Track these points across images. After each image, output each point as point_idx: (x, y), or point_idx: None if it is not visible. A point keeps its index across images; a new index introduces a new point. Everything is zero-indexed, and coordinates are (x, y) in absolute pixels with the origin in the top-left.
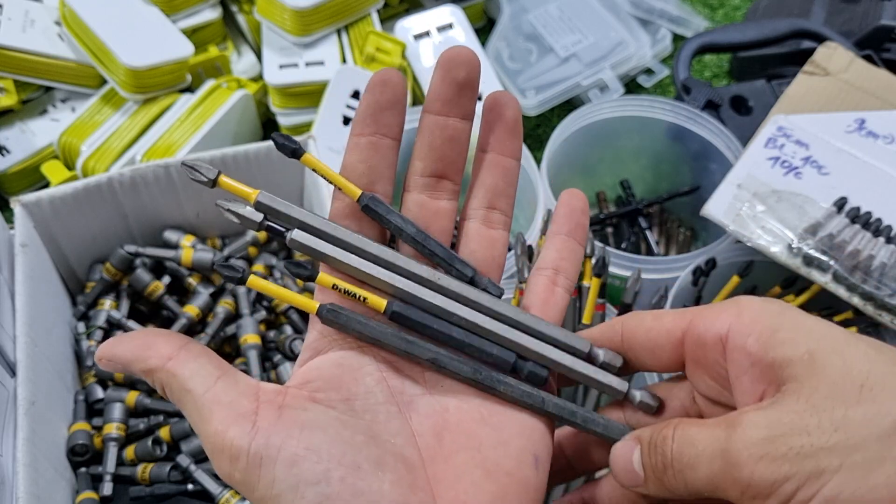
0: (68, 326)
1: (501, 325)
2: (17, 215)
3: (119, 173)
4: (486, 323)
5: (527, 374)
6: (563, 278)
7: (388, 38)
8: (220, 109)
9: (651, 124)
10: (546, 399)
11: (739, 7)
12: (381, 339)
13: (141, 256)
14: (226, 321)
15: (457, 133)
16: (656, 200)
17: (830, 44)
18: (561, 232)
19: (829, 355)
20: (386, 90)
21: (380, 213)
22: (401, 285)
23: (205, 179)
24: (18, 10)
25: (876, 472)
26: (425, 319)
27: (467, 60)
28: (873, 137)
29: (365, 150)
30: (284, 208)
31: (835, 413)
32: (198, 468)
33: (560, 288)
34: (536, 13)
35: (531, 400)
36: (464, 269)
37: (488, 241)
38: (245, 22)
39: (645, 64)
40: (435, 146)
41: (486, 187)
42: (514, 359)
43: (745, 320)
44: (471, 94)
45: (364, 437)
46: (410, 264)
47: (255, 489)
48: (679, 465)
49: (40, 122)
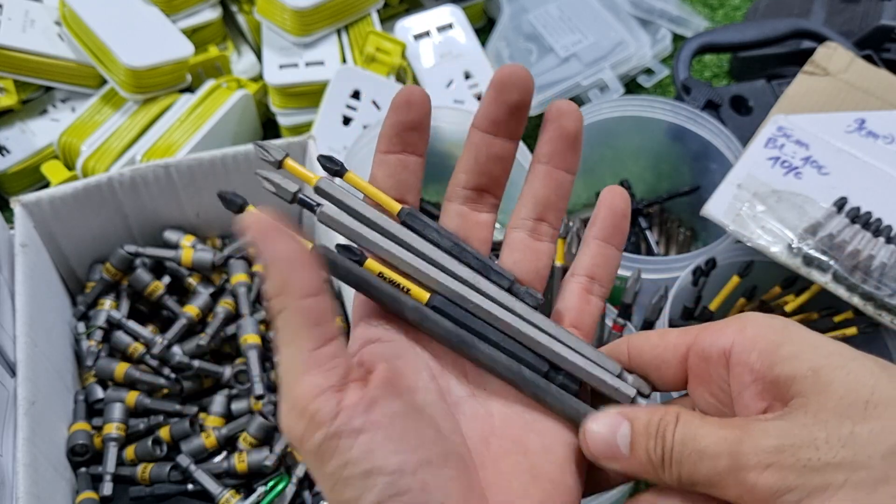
0: (68, 326)
1: (538, 332)
2: (17, 215)
3: (119, 173)
4: (523, 327)
5: (559, 384)
6: (598, 287)
7: (388, 38)
8: (220, 109)
9: (651, 124)
10: (586, 410)
11: (739, 7)
12: (435, 326)
13: (141, 256)
14: (226, 321)
15: (503, 152)
16: (656, 200)
17: (830, 44)
18: (599, 237)
19: (834, 371)
20: (411, 111)
21: (417, 228)
22: (442, 280)
23: (272, 160)
24: (18, 10)
25: (880, 490)
26: (465, 318)
27: (522, 83)
28: (873, 137)
29: (394, 166)
30: (341, 195)
31: (842, 429)
32: (198, 468)
33: (595, 297)
34: (536, 13)
35: (573, 409)
36: (500, 279)
37: (533, 252)
38: (245, 22)
39: (645, 64)
40: (480, 162)
41: (537, 199)
42: (548, 368)
43: (749, 336)
44: (521, 116)
45: (433, 432)
46: (452, 263)
47: (326, 465)
48: (679, 457)
49: (40, 122)
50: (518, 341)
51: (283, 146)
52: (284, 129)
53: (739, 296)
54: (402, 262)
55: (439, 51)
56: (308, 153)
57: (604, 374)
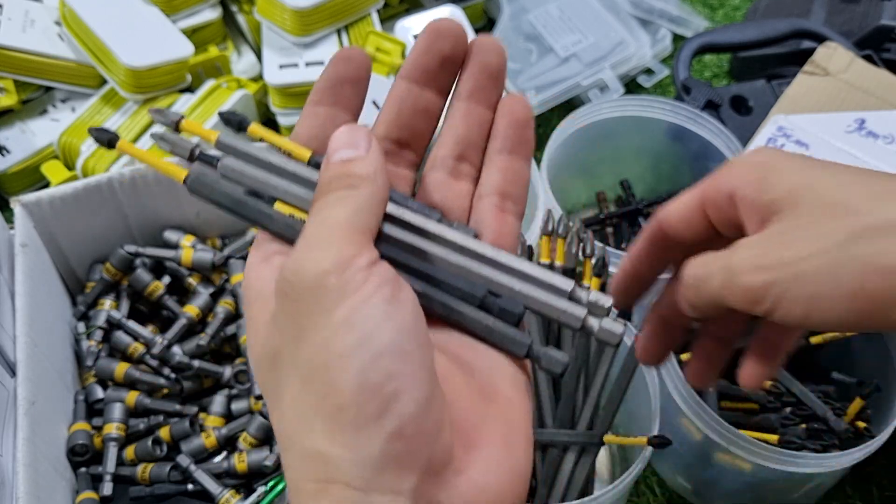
0: (68, 326)
1: (470, 260)
2: (17, 215)
3: (119, 173)
4: (452, 257)
5: (499, 311)
6: (511, 204)
7: (388, 38)
8: (221, 109)
9: (651, 124)
10: (523, 339)
11: (739, 7)
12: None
13: (141, 256)
14: (226, 321)
15: (430, 106)
16: (656, 200)
17: (830, 44)
18: (504, 149)
19: (805, 188)
20: (350, 65)
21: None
22: None
23: (168, 122)
24: (18, 10)
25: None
26: (389, 251)
27: (455, 34)
28: (873, 137)
29: (322, 119)
30: (243, 146)
31: (809, 231)
32: (198, 468)
33: (510, 216)
34: (536, 13)
35: (510, 339)
36: (426, 211)
37: (454, 193)
38: (245, 22)
39: (645, 64)
40: (403, 114)
41: (457, 137)
42: (485, 292)
43: (742, 173)
44: (452, 69)
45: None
46: None
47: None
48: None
49: (40, 121)
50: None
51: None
52: (285, 129)
53: None
54: (305, 201)
55: None
56: None
57: (548, 297)
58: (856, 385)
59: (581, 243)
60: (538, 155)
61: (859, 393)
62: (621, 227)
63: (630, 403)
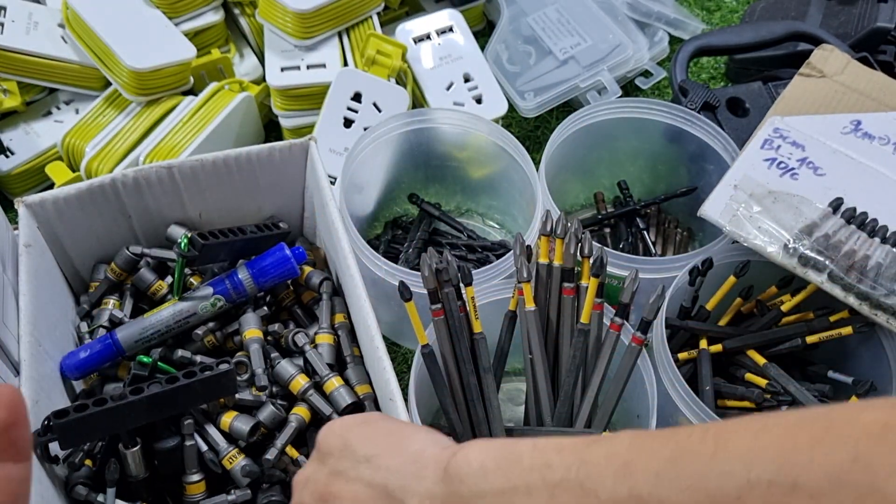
0: (72, 326)
1: None
2: (21, 216)
3: (122, 174)
4: None
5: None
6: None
7: (388, 41)
8: (223, 111)
9: (648, 126)
10: None
11: (736, 10)
12: None
13: (146, 257)
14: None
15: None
16: (653, 201)
17: (826, 46)
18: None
19: None
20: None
21: None
22: None
23: None
24: (22, 13)
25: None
26: None
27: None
28: (869, 139)
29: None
30: None
31: None
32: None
33: None
34: (535, 16)
35: None
36: None
37: None
38: (247, 25)
39: (642, 66)
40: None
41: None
42: None
43: None
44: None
45: None
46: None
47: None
48: None
49: (44, 123)
50: None
51: (285, 148)
52: (286, 131)
53: (736, 296)
54: None
55: (439, 53)
56: (310, 155)
57: None
58: (851, 384)
59: (579, 244)
60: (536, 157)
61: (855, 392)
62: (619, 227)
63: (628, 402)
